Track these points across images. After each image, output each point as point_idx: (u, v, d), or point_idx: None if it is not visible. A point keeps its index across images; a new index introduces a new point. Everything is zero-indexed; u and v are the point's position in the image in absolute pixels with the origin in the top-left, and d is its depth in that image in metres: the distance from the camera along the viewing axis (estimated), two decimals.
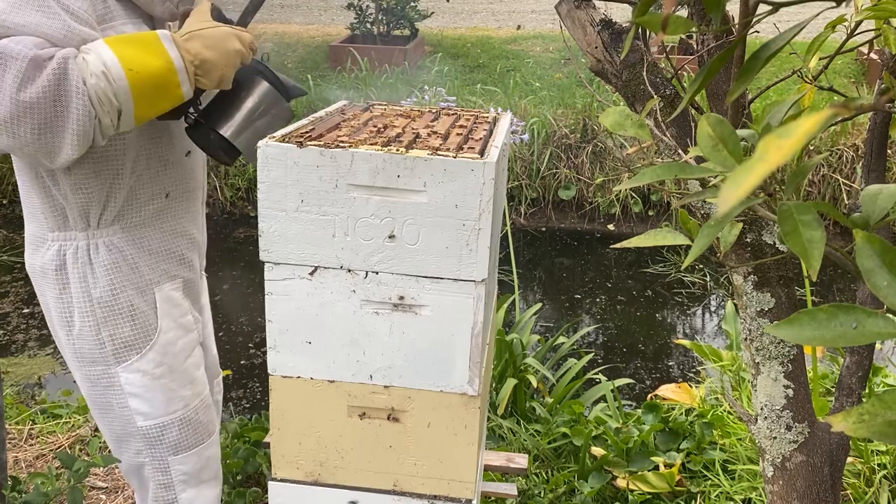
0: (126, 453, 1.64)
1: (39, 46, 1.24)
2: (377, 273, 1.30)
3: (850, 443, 1.37)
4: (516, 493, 2.13)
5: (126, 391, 1.56)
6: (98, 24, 1.37)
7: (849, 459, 2.09)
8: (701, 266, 4.92)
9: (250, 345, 4.03)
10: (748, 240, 1.17)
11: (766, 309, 1.19)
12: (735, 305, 1.75)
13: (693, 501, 2.26)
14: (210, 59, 1.36)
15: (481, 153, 1.25)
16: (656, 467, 2.32)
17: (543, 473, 2.42)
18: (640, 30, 1.13)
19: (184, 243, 1.62)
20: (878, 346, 3.04)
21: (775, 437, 1.25)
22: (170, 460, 1.62)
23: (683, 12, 1.29)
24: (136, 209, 1.52)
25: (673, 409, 2.66)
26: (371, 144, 1.26)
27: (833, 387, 2.64)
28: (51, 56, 1.23)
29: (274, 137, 1.28)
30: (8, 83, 1.20)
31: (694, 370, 3.82)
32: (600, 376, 2.97)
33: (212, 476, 1.71)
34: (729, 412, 2.62)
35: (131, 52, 1.29)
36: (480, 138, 1.37)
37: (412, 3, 7.40)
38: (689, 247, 0.81)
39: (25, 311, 4.31)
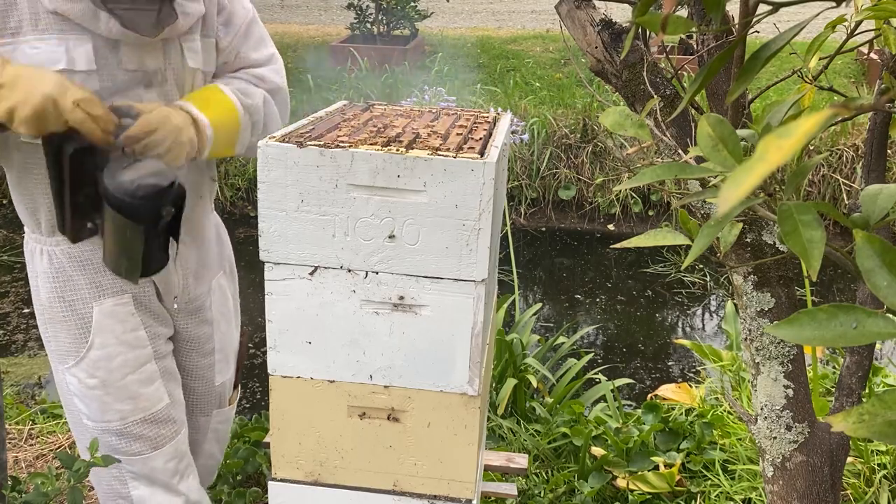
0: (80, 441, 1.67)
1: None
2: (377, 273, 1.30)
3: (850, 443, 1.37)
4: (516, 493, 2.13)
5: (70, 389, 1.60)
6: None
7: (849, 459, 2.09)
8: (701, 266, 4.92)
9: (250, 345, 4.03)
10: (748, 240, 1.17)
11: (766, 309, 1.19)
12: (735, 305, 1.75)
13: (693, 501, 2.26)
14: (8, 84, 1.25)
15: (481, 153, 1.25)
16: (656, 467, 2.32)
17: (543, 473, 2.42)
18: (640, 30, 1.13)
19: None
20: (878, 346, 3.04)
21: (775, 437, 1.25)
22: (116, 455, 1.62)
23: (683, 12, 1.29)
24: None
25: (673, 409, 2.65)
26: (371, 144, 1.26)
27: (833, 387, 2.64)
28: None
29: (274, 137, 1.28)
30: None
31: (694, 370, 3.82)
32: (600, 376, 2.97)
33: (164, 482, 1.67)
34: (729, 412, 2.62)
35: None
36: (480, 138, 1.37)
37: (412, 3, 7.40)
38: (689, 247, 0.81)
39: (25, 311, 4.30)
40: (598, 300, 4.71)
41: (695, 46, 1.35)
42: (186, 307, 1.69)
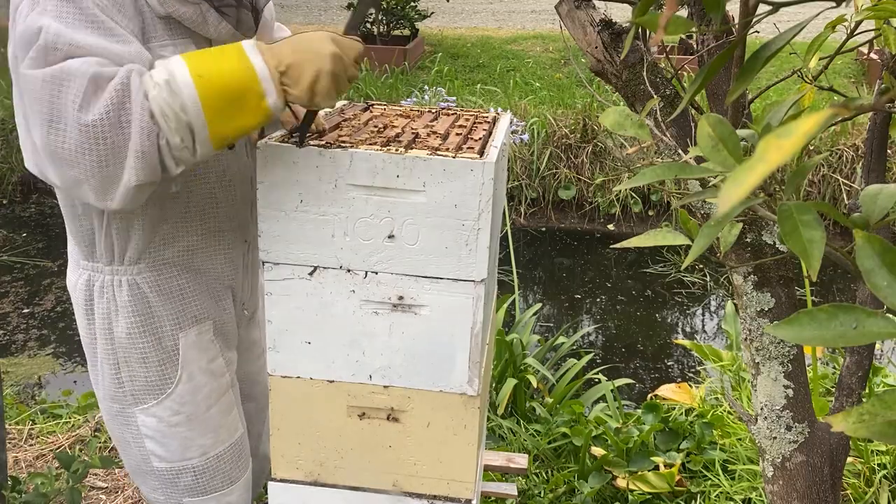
0: (143, 486, 1.58)
1: (101, 65, 1.10)
2: (376, 273, 1.30)
3: (850, 443, 1.37)
4: (516, 493, 2.13)
5: (142, 433, 1.49)
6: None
7: (849, 459, 2.09)
8: (701, 266, 4.92)
9: None
10: (748, 240, 1.17)
11: (766, 309, 1.19)
12: (735, 305, 1.75)
13: (693, 501, 2.26)
14: (297, 63, 1.14)
15: (481, 153, 1.25)
16: (656, 467, 2.32)
17: (543, 473, 2.42)
18: (640, 30, 1.13)
19: (215, 286, 1.49)
20: (878, 346, 3.04)
21: (775, 437, 1.25)
22: (185, 501, 1.54)
23: (683, 12, 1.29)
24: (167, 246, 1.40)
25: (673, 409, 2.65)
26: (370, 144, 1.26)
27: (833, 387, 2.64)
28: (113, 74, 1.10)
29: (273, 138, 1.28)
30: (68, 105, 1.08)
31: (694, 370, 3.82)
32: (600, 376, 2.97)
33: None
34: (729, 412, 2.62)
35: (202, 59, 1.13)
36: (480, 138, 1.37)
37: (412, 3, 7.40)
38: (689, 247, 0.81)
39: (25, 311, 4.31)
40: (598, 300, 4.71)
41: (695, 46, 1.35)
42: (250, 315, 1.64)
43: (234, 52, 1.14)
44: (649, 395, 2.86)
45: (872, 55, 6.10)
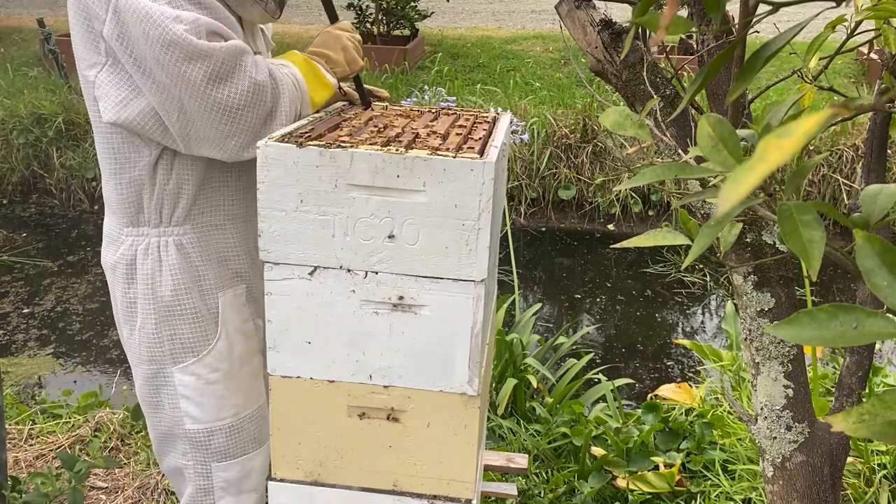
0: (171, 454, 1.65)
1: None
2: (377, 273, 1.30)
3: (850, 443, 1.37)
4: (516, 493, 2.13)
5: (179, 392, 1.57)
6: None
7: (849, 459, 2.09)
8: (701, 266, 4.92)
9: None
10: (748, 240, 1.17)
11: (766, 309, 1.19)
12: (735, 305, 1.75)
13: (693, 501, 2.26)
14: (326, 53, 1.55)
15: (481, 153, 1.25)
16: (656, 467, 2.32)
17: (543, 473, 2.42)
18: (640, 30, 1.13)
19: (250, 252, 1.61)
20: (878, 346, 3.04)
21: (775, 437, 1.25)
22: (213, 466, 1.62)
23: (683, 12, 1.29)
24: (211, 209, 1.54)
25: (673, 409, 2.65)
26: (371, 144, 1.26)
27: (833, 387, 2.64)
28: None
29: (273, 137, 1.28)
30: (245, 64, 1.34)
31: (694, 370, 3.82)
32: (600, 376, 2.97)
33: (252, 487, 1.69)
34: (729, 412, 2.62)
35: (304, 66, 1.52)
36: (480, 138, 1.37)
37: (412, 3, 7.40)
38: (689, 247, 0.81)
39: (25, 311, 4.31)
40: (598, 300, 4.71)
41: (695, 46, 1.35)
42: None
43: (303, 61, 1.52)
44: (649, 395, 2.86)
45: (872, 55, 6.10)
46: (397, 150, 1.24)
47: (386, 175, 1.23)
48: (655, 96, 1.05)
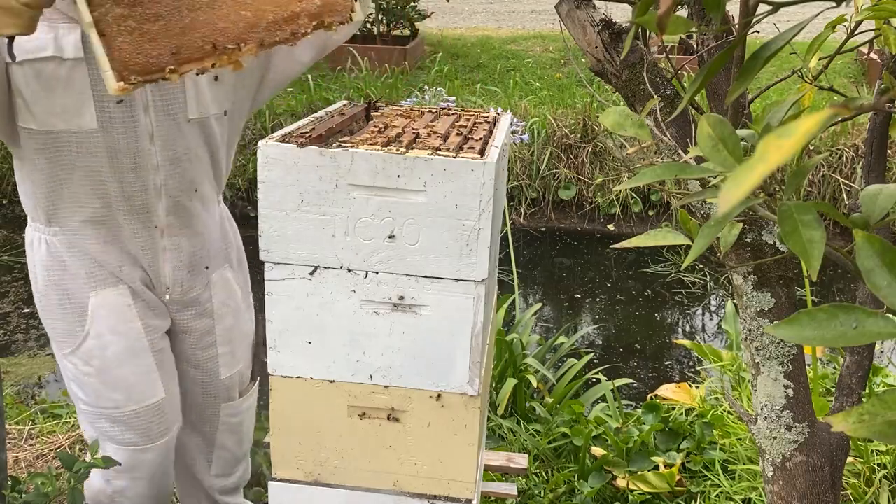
0: (81, 423, 1.73)
1: None
2: (377, 273, 1.30)
3: (850, 443, 1.37)
4: (516, 493, 2.13)
5: (68, 375, 1.66)
6: None
7: (849, 459, 2.09)
8: (701, 266, 4.92)
9: None
10: (748, 240, 1.17)
11: (766, 309, 1.19)
12: (735, 305, 1.75)
13: (693, 501, 2.26)
14: None
15: (481, 153, 1.25)
16: (656, 467, 2.32)
17: (543, 473, 2.42)
18: (640, 30, 1.13)
19: (125, 259, 1.59)
20: (878, 346, 3.04)
21: (775, 437, 1.25)
22: (105, 445, 1.66)
23: (683, 12, 1.29)
24: (69, 214, 1.54)
25: (673, 409, 2.65)
26: (371, 144, 1.26)
27: (833, 387, 2.64)
28: None
29: (273, 138, 1.28)
30: None
31: (694, 370, 3.82)
32: (600, 376, 2.97)
33: (145, 476, 1.71)
34: (729, 412, 2.62)
35: None
36: (480, 138, 1.37)
37: (412, 3, 7.40)
38: (689, 247, 0.81)
39: (25, 311, 4.30)
40: (598, 300, 4.71)
41: (695, 46, 1.35)
42: (181, 299, 1.70)
43: None
44: (649, 395, 2.86)
45: (872, 55, 6.10)
46: (398, 150, 1.24)
47: (386, 175, 1.23)
48: (655, 96, 1.05)
